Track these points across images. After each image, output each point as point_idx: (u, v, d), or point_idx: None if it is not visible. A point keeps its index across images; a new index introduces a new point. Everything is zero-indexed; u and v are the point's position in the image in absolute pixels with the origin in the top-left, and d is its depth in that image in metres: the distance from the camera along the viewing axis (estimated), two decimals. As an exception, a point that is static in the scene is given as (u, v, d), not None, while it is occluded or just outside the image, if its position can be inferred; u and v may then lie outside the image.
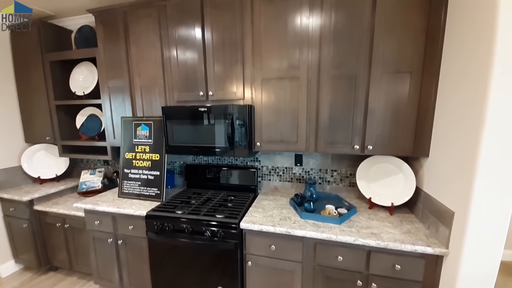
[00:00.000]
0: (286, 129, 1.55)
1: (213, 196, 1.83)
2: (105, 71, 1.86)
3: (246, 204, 1.65)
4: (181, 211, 1.54)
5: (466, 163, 1.04)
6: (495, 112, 0.92)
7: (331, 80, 1.42)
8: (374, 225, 1.37)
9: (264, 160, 1.97)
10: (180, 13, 1.59)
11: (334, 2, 1.35)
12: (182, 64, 1.65)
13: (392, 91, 1.35)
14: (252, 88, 1.55)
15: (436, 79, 1.28)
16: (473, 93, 1.02)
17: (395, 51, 1.30)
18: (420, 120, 1.34)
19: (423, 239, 1.22)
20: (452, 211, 1.12)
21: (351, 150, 1.47)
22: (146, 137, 1.81)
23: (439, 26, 1.24)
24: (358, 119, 1.43)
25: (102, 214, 1.72)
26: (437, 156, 1.29)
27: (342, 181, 1.85)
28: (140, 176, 1.82)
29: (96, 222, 1.74)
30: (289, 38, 1.44)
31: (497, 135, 0.94)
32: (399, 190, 1.53)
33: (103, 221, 1.73)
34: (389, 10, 1.28)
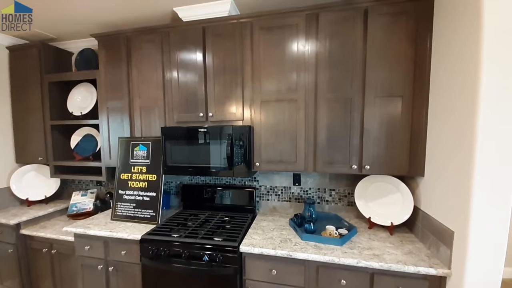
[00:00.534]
0: (285, 150, 1.57)
1: (211, 217, 1.78)
2: (104, 92, 1.88)
3: (245, 225, 1.62)
4: (178, 234, 1.49)
5: (461, 182, 1.07)
6: (485, 133, 0.98)
7: (328, 103, 1.49)
8: (375, 246, 1.36)
9: (262, 180, 1.97)
10: (183, 40, 1.67)
11: (328, 32, 1.45)
12: (183, 86, 1.69)
13: (386, 114, 1.42)
14: (251, 109, 1.60)
15: (426, 102, 1.36)
16: (461, 116, 1.08)
17: (386, 77, 1.39)
18: (414, 140, 1.39)
19: (425, 259, 1.21)
20: (451, 231, 1.13)
21: (349, 169, 1.50)
22: (144, 157, 1.79)
23: (426, 54, 1.34)
24: (355, 139, 1.47)
25: (93, 238, 1.64)
26: (432, 176, 1.33)
27: (340, 201, 1.85)
28: (135, 198, 1.77)
29: (86, 247, 1.65)
30: (287, 63, 1.52)
31: (487, 157, 0.98)
32: (397, 210, 1.54)
33: (94, 246, 1.65)
34: (379, 40, 1.38)
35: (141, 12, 1.72)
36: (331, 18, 1.44)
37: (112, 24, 1.89)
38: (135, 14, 1.74)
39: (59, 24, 1.92)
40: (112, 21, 1.85)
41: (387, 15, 1.37)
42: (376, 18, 1.38)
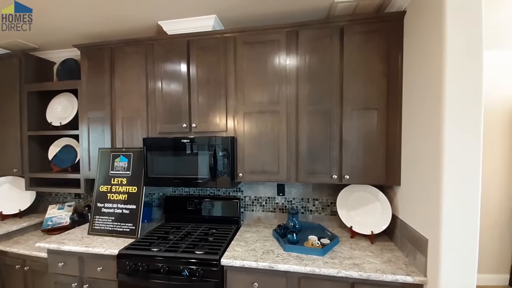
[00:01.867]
0: (268, 160, 1.59)
1: (194, 229, 1.75)
2: (86, 103, 1.85)
3: (228, 237, 1.60)
4: (157, 248, 1.44)
5: (432, 191, 1.13)
6: (450, 143, 1.05)
7: (308, 115, 1.54)
8: (356, 255, 1.38)
9: (246, 190, 1.96)
10: (167, 52, 1.69)
11: (308, 48, 1.52)
12: (166, 97, 1.70)
13: (363, 126, 1.48)
14: (234, 120, 1.62)
15: (400, 115, 1.44)
16: (429, 128, 1.15)
17: (362, 91, 1.46)
18: (390, 151, 1.46)
19: (403, 268, 1.24)
20: (426, 238, 1.17)
21: (330, 179, 1.53)
22: (124, 169, 1.75)
23: (398, 70, 1.43)
24: (334, 150, 1.52)
25: (67, 254, 1.55)
26: (408, 185, 1.38)
27: (324, 210, 1.87)
28: (114, 211, 1.71)
29: (60, 264, 1.56)
30: (269, 77, 1.57)
31: (454, 164, 1.04)
32: (377, 218, 1.58)
33: (68, 263, 1.56)
34: (354, 56, 1.47)
35: (125, 24, 1.74)
36: (310, 35, 1.52)
37: (96, 35, 1.89)
38: (119, 26, 1.76)
39: (41, 34, 1.90)
40: (96, 32, 1.86)
41: (361, 34, 1.46)
42: (351, 36, 1.47)
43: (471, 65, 1.02)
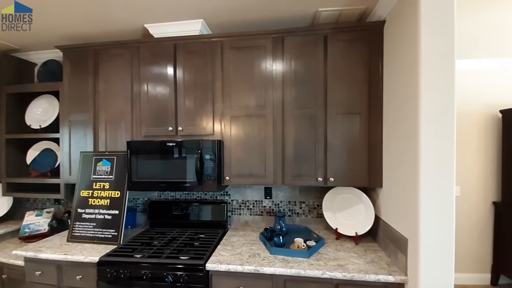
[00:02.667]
0: (255, 163, 1.60)
1: (179, 235, 1.71)
2: (68, 105, 1.80)
3: (214, 242, 1.58)
4: (140, 254, 1.40)
5: (410, 192, 1.17)
6: (426, 148, 1.10)
7: (294, 119, 1.57)
8: (340, 257, 1.40)
9: (234, 194, 1.96)
10: (154, 55, 1.68)
11: (293, 54, 1.56)
12: (152, 100, 1.68)
13: (346, 129, 1.52)
14: (221, 124, 1.63)
15: (381, 119, 1.50)
16: (406, 132, 1.21)
17: (345, 96, 1.51)
18: (372, 154, 1.51)
19: (385, 267, 1.27)
20: (406, 238, 1.21)
21: (315, 182, 1.56)
22: (107, 173, 1.70)
23: (378, 76, 1.50)
24: (320, 153, 1.55)
25: (45, 262, 1.48)
26: (389, 187, 1.43)
27: (310, 213, 1.90)
28: (96, 216, 1.66)
29: (37, 272, 1.49)
30: (256, 81, 1.59)
31: (430, 166, 1.10)
32: (361, 220, 1.62)
33: (45, 271, 1.49)
34: (338, 63, 1.52)
35: (111, 26, 1.72)
36: (296, 42, 1.56)
37: (79, 36, 1.85)
38: (104, 27, 1.73)
39: (23, 35, 1.83)
40: (79, 34, 1.82)
41: (344, 41, 1.52)
42: (334, 43, 1.52)
43: (444, 72, 1.09)
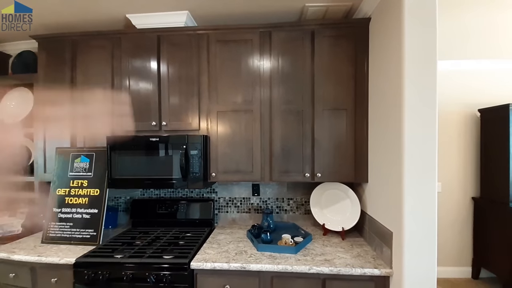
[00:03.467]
0: (242, 159, 1.57)
1: (163, 234, 1.65)
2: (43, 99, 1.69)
3: (200, 240, 1.53)
4: (121, 254, 1.33)
5: (395, 187, 1.19)
6: (410, 145, 1.11)
7: (282, 114, 1.55)
8: (327, 252, 1.40)
9: (221, 191, 1.92)
10: (136, 47, 1.61)
11: (281, 49, 1.55)
12: (134, 94, 1.61)
13: (333, 125, 1.53)
14: (208, 119, 1.58)
15: (366, 115, 1.51)
16: (391, 128, 1.22)
17: (332, 92, 1.52)
18: (358, 149, 1.52)
19: (371, 261, 1.28)
20: (390, 231, 1.23)
21: (303, 178, 1.55)
22: (85, 170, 1.61)
23: (364, 73, 1.51)
24: (307, 149, 1.55)
25: (18, 264, 1.38)
26: (374, 182, 1.45)
27: (298, 209, 1.89)
28: (73, 216, 1.56)
29: (11, 274, 1.39)
30: (243, 76, 1.56)
31: (413, 162, 1.11)
32: (347, 215, 1.63)
33: (19, 274, 1.39)
34: (324, 58, 1.52)
35: (90, 15, 1.63)
36: (283, 37, 1.55)
37: (58, 26, 1.74)
38: (83, 16, 1.64)
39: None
40: (58, 23, 1.71)
41: (330, 38, 1.52)
42: (321, 39, 1.52)
43: (426, 70, 1.11)
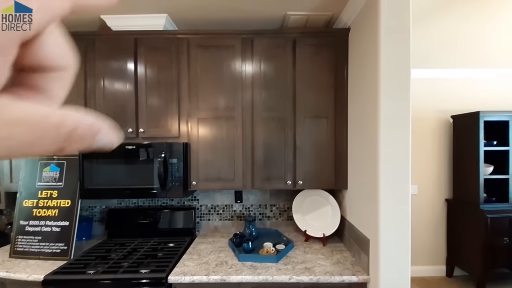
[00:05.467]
0: (223, 167, 1.54)
1: (141, 245, 1.59)
2: (8, 102, 1.57)
3: (179, 251, 1.49)
4: (94, 269, 1.26)
5: (372, 194, 1.22)
6: (384, 153, 1.15)
7: (264, 121, 1.55)
8: (308, 259, 1.41)
9: (203, 199, 1.88)
10: (111, 49, 1.54)
11: (263, 56, 1.54)
12: (109, 99, 1.54)
13: (314, 132, 1.54)
14: (188, 126, 1.54)
15: (346, 123, 1.54)
16: (368, 135, 1.25)
17: (313, 100, 1.53)
18: (338, 157, 1.55)
19: (349, 268, 1.31)
20: (368, 238, 1.26)
21: (284, 185, 1.55)
22: (55, 180, 1.51)
23: (344, 81, 1.54)
24: (289, 156, 1.55)
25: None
26: (353, 188, 1.48)
27: (281, 215, 1.89)
28: (42, 229, 1.46)
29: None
30: (225, 82, 1.54)
31: (389, 171, 1.15)
32: (328, 221, 1.65)
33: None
34: (306, 66, 1.53)
35: (62, 16, 1.54)
36: (265, 44, 1.54)
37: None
38: (54, 16, 1.55)
39: None
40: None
41: (311, 46, 1.54)
42: (302, 47, 1.53)
43: (401, 80, 1.15)
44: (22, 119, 0.13)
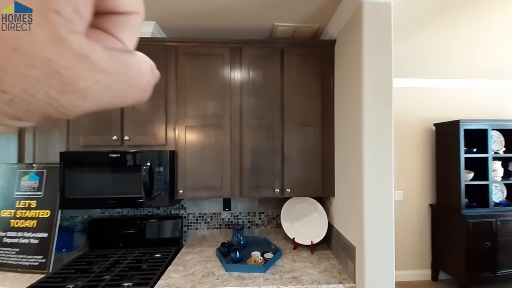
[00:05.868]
0: (211, 175, 1.53)
1: (124, 256, 1.53)
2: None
3: (165, 262, 1.45)
4: (73, 283, 1.21)
5: (357, 201, 1.24)
6: (368, 160, 1.17)
7: (252, 130, 1.55)
8: (296, 268, 1.40)
9: (190, 207, 1.85)
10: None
11: (251, 65, 1.56)
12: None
13: (302, 141, 1.56)
14: (175, 133, 1.53)
15: (333, 132, 1.57)
16: (353, 145, 1.28)
17: (300, 108, 1.56)
18: (325, 165, 1.57)
19: (336, 276, 1.31)
20: (354, 246, 1.27)
21: (273, 193, 1.56)
22: (34, 189, 1.45)
23: (330, 91, 1.58)
24: (277, 164, 1.56)
25: None
26: (340, 196, 1.50)
27: (269, 223, 1.89)
28: (20, 241, 1.39)
29: None
30: (213, 90, 1.54)
31: (373, 177, 1.17)
32: (316, 229, 1.66)
33: None
34: (293, 76, 1.56)
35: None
36: (253, 53, 1.56)
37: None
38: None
39: None
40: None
41: (299, 57, 1.57)
42: (290, 57, 1.56)
43: (383, 90, 1.19)
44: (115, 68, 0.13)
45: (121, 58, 0.14)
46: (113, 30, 0.15)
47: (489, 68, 2.41)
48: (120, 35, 0.15)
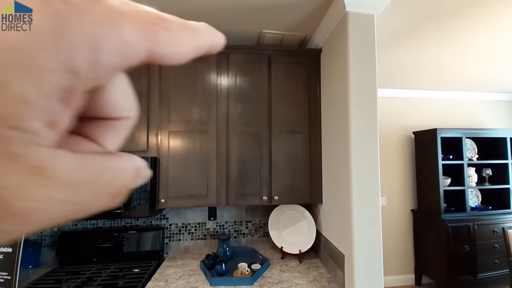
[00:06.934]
0: (196, 183, 1.47)
1: (99, 272, 1.40)
2: None
3: (144, 277, 1.34)
4: (37, 307, 1.08)
5: (345, 208, 1.23)
6: (356, 166, 1.18)
7: (239, 136, 1.52)
8: (284, 278, 1.35)
9: (172, 217, 1.75)
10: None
11: (239, 71, 1.54)
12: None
13: (290, 148, 1.55)
14: (158, 139, 1.46)
15: (320, 138, 1.58)
16: (340, 151, 1.29)
17: (288, 115, 1.55)
18: (313, 172, 1.56)
19: (325, 285, 1.28)
20: (342, 254, 1.25)
21: (260, 201, 1.51)
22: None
23: (317, 98, 1.59)
24: (264, 172, 1.53)
25: None
26: (328, 203, 1.49)
27: (257, 232, 1.83)
28: (-24, 259, 1.23)
29: None
30: (199, 95, 1.50)
31: (359, 184, 1.17)
32: (304, 237, 1.63)
33: None
34: (280, 83, 1.56)
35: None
36: (240, 59, 1.55)
37: None
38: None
39: None
40: None
41: (286, 64, 1.58)
42: (277, 64, 1.57)
43: (368, 99, 1.21)
44: (82, 177, 0.11)
45: (95, 164, 0.12)
46: (95, 135, 0.14)
47: (464, 80, 2.58)
48: (101, 139, 0.14)
